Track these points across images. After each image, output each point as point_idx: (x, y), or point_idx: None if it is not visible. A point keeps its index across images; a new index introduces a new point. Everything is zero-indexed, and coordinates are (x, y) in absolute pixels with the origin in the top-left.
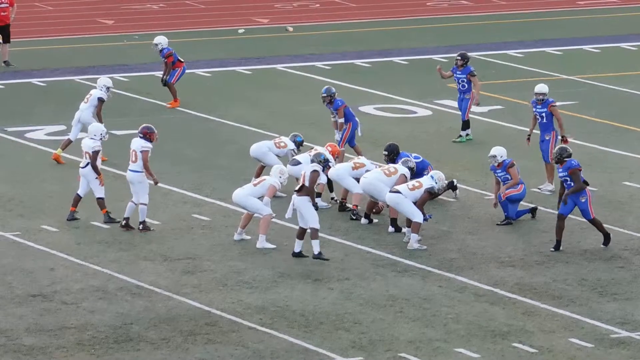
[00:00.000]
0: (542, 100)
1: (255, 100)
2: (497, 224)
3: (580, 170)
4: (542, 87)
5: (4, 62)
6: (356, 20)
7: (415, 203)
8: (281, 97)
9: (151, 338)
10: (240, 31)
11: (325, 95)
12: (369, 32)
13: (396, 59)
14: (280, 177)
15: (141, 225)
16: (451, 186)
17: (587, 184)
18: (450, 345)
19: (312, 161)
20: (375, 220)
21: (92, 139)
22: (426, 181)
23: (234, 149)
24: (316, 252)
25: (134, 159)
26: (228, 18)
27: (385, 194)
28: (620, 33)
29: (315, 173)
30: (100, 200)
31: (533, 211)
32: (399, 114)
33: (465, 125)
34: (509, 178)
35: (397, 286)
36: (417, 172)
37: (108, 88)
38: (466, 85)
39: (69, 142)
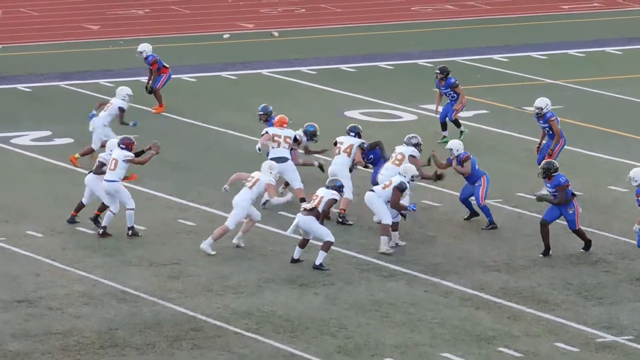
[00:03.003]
0: (540, 114)
1: (240, 105)
2: (482, 229)
3: (568, 186)
4: (537, 102)
5: None
6: (341, 25)
7: (390, 203)
8: (266, 102)
9: (136, 343)
10: (225, 36)
11: (261, 113)
12: (354, 37)
13: (381, 64)
14: (271, 172)
15: (130, 231)
16: (438, 177)
17: (575, 196)
18: (436, 349)
19: (328, 187)
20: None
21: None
22: (395, 179)
23: (219, 154)
24: (317, 263)
25: (112, 167)
26: (213, 23)
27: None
28: (605, 37)
29: (333, 200)
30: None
31: (471, 215)
32: (384, 119)
33: (457, 123)
34: (479, 184)
35: (383, 291)
36: (374, 161)
37: (130, 97)
38: (455, 95)
39: (91, 150)
